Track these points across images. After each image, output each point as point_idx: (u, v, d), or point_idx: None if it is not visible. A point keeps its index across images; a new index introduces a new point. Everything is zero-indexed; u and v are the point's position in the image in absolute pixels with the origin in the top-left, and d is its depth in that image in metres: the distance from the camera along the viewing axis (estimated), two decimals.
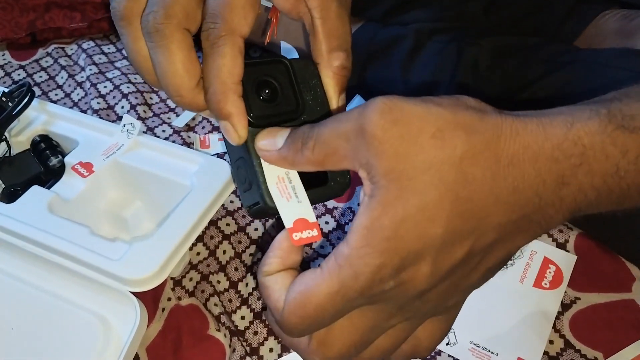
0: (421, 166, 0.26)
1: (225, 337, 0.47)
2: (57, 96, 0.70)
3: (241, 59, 0.31)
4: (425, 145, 0.26)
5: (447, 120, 0.26)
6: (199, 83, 0.32)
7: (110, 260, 0.41)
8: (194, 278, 0.51)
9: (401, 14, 0.63)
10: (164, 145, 0.50)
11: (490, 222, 0.27)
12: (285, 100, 0.34)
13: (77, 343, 0.43)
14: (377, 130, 0.26)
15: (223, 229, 0.54)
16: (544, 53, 0.54)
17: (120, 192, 0.51)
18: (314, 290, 0.28)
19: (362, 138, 0.27)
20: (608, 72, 0.49)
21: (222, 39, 0.31)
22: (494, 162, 0.26)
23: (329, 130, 0.28)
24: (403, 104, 0.27)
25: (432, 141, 0.26)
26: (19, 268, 0.46)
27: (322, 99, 0.35)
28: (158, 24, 0.31)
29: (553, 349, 0.46)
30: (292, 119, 0.34)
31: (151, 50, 0.32)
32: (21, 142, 0.53)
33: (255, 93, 0.33)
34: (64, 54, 0.75)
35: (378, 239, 0.26)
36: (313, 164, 0.29)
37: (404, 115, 0.26)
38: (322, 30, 0.34)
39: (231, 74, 0.31)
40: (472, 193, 0.26)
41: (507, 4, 0.63)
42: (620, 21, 0.60)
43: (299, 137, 0.30)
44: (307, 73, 0.35)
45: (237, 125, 0.31)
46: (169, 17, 0.31)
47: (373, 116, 0.26)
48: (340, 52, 0.34)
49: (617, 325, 0.47)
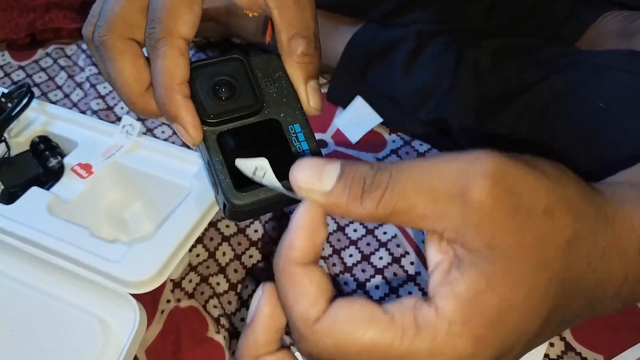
0: (532, 244, 0.22)
1: (224, 339, 0.47)
2: (56, 97, 0.70)
3: (183, 59, 0.31)
4: (537, 222, 0.22)
5: (558, 196, 0.23)
6: (150, 90, 0.32)
7: (109, 261, 0.41)
8: (194, 280, 0.51)
9: (402, 15, 0.63)
10: (164, 146, 0.50)
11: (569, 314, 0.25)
12: (243, 97, 0.33)
13: (76, 345, 0.43)
14: (486, 199, 0.22)
15: (223, 231, 0.54)
16: (544, 55, 0.54)
17: (120, 193, 0.51)
18: (372, 335, 0.22)
19: (460, 203, 0.22)
20: (609, 73, 0.49)
21: (161, 41, 0.31)
22: (592, 250, 0.24)
23: (410, 182, 0.23)
24: (515, 171, 0.23)
25: (544, 218, 0.22)
26: (18, 269, 0.45)
27: (288, 90, 0.34)
28: (101, 37, 0.32)
29: (554, 351, 0.46)
30: (253, 113, 0.33)
31: (101, 63, 0.33)
32: (20, 143, 0.53)
33: (212, 92, 0.33)
34: (63, 54, 0.75)
35: (477, 323, 0.22)
36: (375, 218, 0.23)
37: (516, 185, 0.22)
38: (279, 19, 0.33)
39: (172, 75, 0.31)
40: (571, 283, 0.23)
41: (507, 5, 0.63)
42: (621, 23, 0.60)
43: (359, 181, 0.23)
44: (270, 67, 0.35)
45: (187, 125, 0.31)
46: (110, 29, 0.32)
47: (484, 182, 0.22)
48: (300, 39, 0.34)
49: (618, 327, 0.46)
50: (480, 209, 0.22)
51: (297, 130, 0.34)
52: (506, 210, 0.22)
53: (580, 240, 0.23)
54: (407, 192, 0.23)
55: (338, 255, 0.53)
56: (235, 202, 0.31)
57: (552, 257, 0.22)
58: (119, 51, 0.32)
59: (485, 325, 0.22)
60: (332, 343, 0.22)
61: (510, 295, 0.22)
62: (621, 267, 0.25)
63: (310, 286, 0.23)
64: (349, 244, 0.53)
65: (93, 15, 0.34)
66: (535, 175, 0.23)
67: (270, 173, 0.28)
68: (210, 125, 0.32)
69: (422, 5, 0.62)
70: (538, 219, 0.22)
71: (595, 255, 0.24)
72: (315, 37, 0.34)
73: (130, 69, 0.32)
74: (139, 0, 0.32)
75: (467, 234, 0.22)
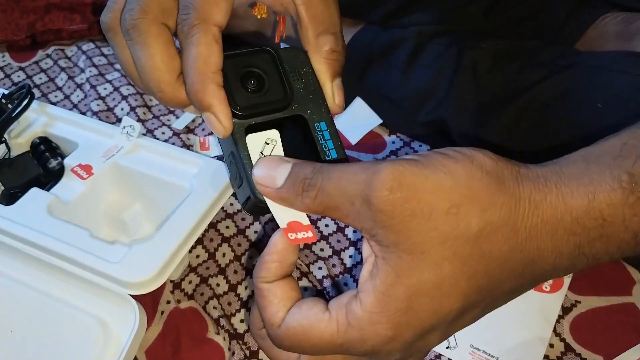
0: (435, 240, 0.25)
1: (224, 340, 0.47)
2: (56, 98, 0.70)
3: (217, 47, 0.30)
4: (438, 222, 0.25)
5: (462, 195, 0.25)
6: (180, 78, 0.31)
7: (109, 262, 0.41)
8: (194, 281, 0.51)
9: (401, 16, 0.63)
10: (164, 147, 0.50)
11: (502, 290, 0.27)
12: (272, 90, 0.33)
13: (76, 346, 0.43)
14: (385, 206, 0.25)
15: (222, 232, 0.54)
16: (544, 56, 0.54)
17: (120, 194, 0.51)
18: (315, 332, 0.28)
19: (367, 208, 0.26)
20: (609, 75, 0.49)
21: (195, 27, 0.30)
22: (512, 235, 0.26)
23: (333, 186, 0.27)
24: (414, 179, 0.26)
25: (446, 217, 0.25)
26: (18, 270, 0.45)
27: (314, 87, 0.34)
28: (134, 19, 0.31)
29: (553, 352, 0.46)
30: (281, 108, 0.33)
31: (131, 48, 0.31)
32: (21, 144, 0.53)
33: (241, 84, 0.32)
34: (63, 55, 0.75)
35: (393, 310, 0.26)
36: (313, 212, 0.29)
37: (415, 192, 0.25)
38: (306, 16, 0.33)
39: (207, 62, 0.30)
40: (488, 268, 0.26)
41: (507, 7, 0.63)
42: (620, 24, 0.60)
43: (300, 182, 0.28)
44: (297, 61, 0.34)
45: (219, 115, 0.30)
46: (144, 12, 0.31)
47: (380, 192, 0.25)
48: (328, 36, 0.33)
49: (617, 328, 0.46)
50: (383, 213, 0.26)
51: (323, 129, 0.33)
52: (405, 214, 0.25)
53: (494, 229, 0.25)
54: (333, 194, 0.27)
55: (338, 257, 0.53)
56: (261, 197, 0.31)
57: (461, 248, 0.25)
58: (152, 35, 0.31)
59: (399, 312, 0.26)
60: (290, 343, 0.29)
61: (417, 285, 0.25)
62: (552, 246, 0.26)
63: (274, 299, 0.30)
64: (349, 245, 0.53)
65: (115, 1, 0.33)
66: (436, 178, 0.26)
67: (279, 147, 0.31)
68: (238, 118, 0.31)
69: (422, 7, 0.63)
70: (440, 219, 0.25)
71: (519, 239, 0.26)
72: (341, 34, 0.34)
73: (163, 55, 0.31)
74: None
75: (377, 233, 0.26)
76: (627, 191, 0.26)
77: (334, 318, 0.28)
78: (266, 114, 0.32)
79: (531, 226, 0.26)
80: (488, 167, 0.26)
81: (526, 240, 0.26)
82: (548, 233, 0.26)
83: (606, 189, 0.26)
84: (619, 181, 0.26)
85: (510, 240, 0.26)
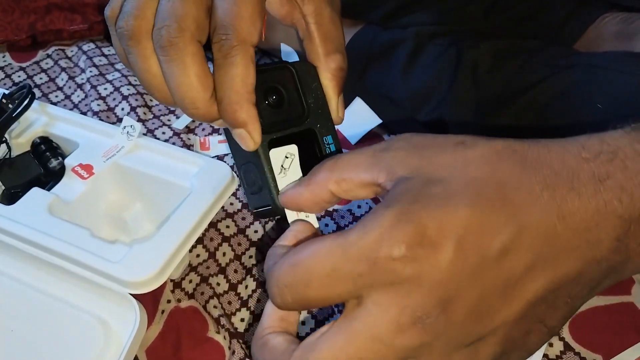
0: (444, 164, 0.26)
1: (224, 339, 0.47)
2: (57, 98, 0.70)
3: (253, 68, 0.31)
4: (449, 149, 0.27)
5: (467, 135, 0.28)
6: (213, 94, 0.32)
7: (110, 262, 0.41)
8: (194, 280, 0.51)
9: (401, 16, 0.63)
10: (164, 147, 0.50)
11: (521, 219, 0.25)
12: (291, 106, 0.35)
13: (77, 345, 0.43)
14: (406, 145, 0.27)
15: (223, 231, 0.54)
16: (543, 56, 0.54)
17: (120, 194, 0.51)
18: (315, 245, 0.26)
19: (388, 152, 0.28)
20: (608, 75, 0.49)
21: (235, 49, 0.31)
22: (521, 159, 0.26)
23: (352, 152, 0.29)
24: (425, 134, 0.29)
25: (454, 147, 0.27)
26: (19, 270, 0.46)
27: (322, 101, 0.36)
28: (172, 37, 0.31)
29: (552, 351, 0.46)
30: (298, 123, 0.34)
31: (164, 64, 0.31)
32: (21, 143, 0.53)
33: (263, 99, 0.34)
34: (64, 55, 0.75)
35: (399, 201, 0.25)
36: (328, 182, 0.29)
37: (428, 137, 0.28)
38: (318, 35, 0.35)
39: (245, 83, 0.31)
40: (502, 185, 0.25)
41: (507, 7, 0.63)
42: (620, 24, 0.60)
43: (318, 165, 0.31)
44: (309, 76, 0.36)
45: (253, 133, 0.32)
46: (182, 30, 0.31)
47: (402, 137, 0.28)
48: (337, 55, 0.36)
49: (616, 327, 0.47)
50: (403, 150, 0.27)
51: (329, 142, 0.35)
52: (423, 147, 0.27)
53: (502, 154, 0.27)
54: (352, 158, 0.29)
55: None
56: (281, 207, 0.33)
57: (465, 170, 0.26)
58: (191, 54, 0.31)
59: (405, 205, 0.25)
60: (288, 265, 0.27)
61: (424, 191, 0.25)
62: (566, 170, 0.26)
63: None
64: None
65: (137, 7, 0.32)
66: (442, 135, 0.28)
67: (296, 161, 0.33)
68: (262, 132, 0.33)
69: (422, 7, 0.63)
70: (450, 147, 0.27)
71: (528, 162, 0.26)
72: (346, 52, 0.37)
73: (200, 73, 0.31)
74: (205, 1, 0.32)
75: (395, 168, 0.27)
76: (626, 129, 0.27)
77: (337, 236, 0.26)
78: (285, 129, 0.34)
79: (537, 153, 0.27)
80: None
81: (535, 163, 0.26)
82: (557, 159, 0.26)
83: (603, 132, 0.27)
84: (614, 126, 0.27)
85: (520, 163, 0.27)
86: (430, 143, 0.27)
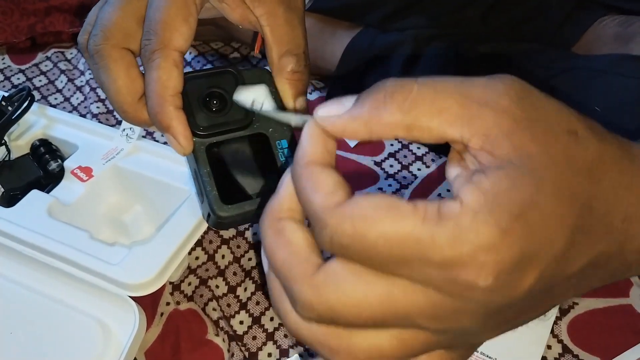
0: (557, 158, 0.22)
1: (223, 342, 0.47)
2: (56, 100, 0.70)
3: (177, 71, 0.32)
4: (561, 138, 0.22)
5: (580, 121, 0.23)
6: (142, 100, 0.33)
7: (109, 264, 0.41)
8: (193, 282, 0.51)
9: (400, 19, 0.63)
10: (163, 149, 0.51)
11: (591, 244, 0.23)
12: (234, 110, 0.34)
13: (76, 347, 0.43)
14: (515, 108, 0.22)
15: (222, 234, 0.54)
16: (542, 59, 0.54)
17: (120, 196, 0.51)
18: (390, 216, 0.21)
19: (491, 108, 0.22)
20: (606, 77, 0.50)
21: (156, 53, 0.31)
22: (617, 180, 0.24)
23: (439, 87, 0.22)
24: (538, 93, 0.23)
25: (567, 136, 0.22)
26: (18, 272, 0.46)
27: (279, 105, 0.35)
28: (97, 45, 0.32)
29: (551, 354, 0.46)
30: (243, 127, 0.34)
31: (95, 72, 0.33)
32: (21, 146, 0.53)
33: (203, 104, 0.34)
34: (63, 58, 0.75)
35: (504, 211, 0.20)
36: (396, 127, 0.22)
37: (540, 103, 0.23)
38: (270, 37, 0.35)
39: (165, 86, 0.31)
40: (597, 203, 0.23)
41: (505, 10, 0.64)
42: (617, 27, 0.60)
43: (381, 90, 0.23)
44: (261, 81, 0.35)
45: (178, 137, 0.32)
46: (107, 38, 0.32)
47: (511, 93, 0.22)
48: (290, 57, 0.35)
49: (615, 330, 0.47)
50: (510, 116, 0.22)
51: (284, 146, 0.35)
52: (534, 121, 0.22)
53: (604, 164, 0.23)
54: (436, 96, 0.22)
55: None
56: (221, 214, 0.32)
57: (576, 172, 0.22)
58: (113, 60, 0.32)
59: (510, 217, 0.20)
60: (352, 227, 0.21)
61: (535, 195, 0.21)
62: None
63: (328, 179, 0.23)
64: None
65: (89, 23, 0.34)
66: (557, 102, 0.23)
67: (268, 102, 0.32)
68: (200, 137, 0.33)
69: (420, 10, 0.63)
70: (562, 136, 0.22)
71: (623, 186, 0.24)
72: (305, 55, 0.36)
73: (124, 78, 0.32)
74: (136, 10, 0.33)
75: (496, 138, 0.22)
76: None
77: (421, 209, 0.21)
78: (228, 133, 0.34)
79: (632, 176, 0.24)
80: None
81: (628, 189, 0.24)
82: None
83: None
84: None
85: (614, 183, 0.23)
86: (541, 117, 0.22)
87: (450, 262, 0.20)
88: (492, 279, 0.20)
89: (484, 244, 0.20)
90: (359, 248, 0.21)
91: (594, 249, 0.23)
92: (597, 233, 0.23)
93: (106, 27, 0.32)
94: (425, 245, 0.20)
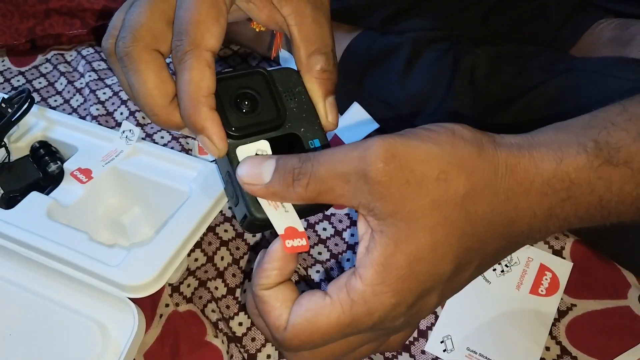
0: (428, 207, 0.27)
1: (222, 344, 0.47)
2: (56, 102, 0.70)
3: (210, 72, 0.31)
4: (430, 188, 0.27)
5: (449, 162, 0.27)
6: (173, 102, 0.32)
7: (108, 266, 0.42)
8: (192, 284, 0.51)
9: (399, 22, 0.63)
10: (163, 151, 0.51)
11: (488, 251, 0.29)
12: (266, 111, 0.34)
13: (75, 349, 0.43)
14: (382, 177, 0.27)
15: (221, 235, 0.54)
16: (540, 61, 0.55)
17: (119, 198, 0.51)
18: (322, 320, 0.28)
19: (364, 182, 0.27)
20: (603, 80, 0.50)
21: (188, 53, 0.31)
22: (493, 198, 0.28)
23: (325, 170, 0.28)
24: (405, 149, 0.27)
25: (437, 183, 0.27)
26: (18, 274, 0.46)
27: (308, 105, 0.35)
28: (126, 47, 0.32)
29: (549, 355, 0.46)
30: (275, 127, 0.34)
31: (125, 75, 0.33)
32: (20, 148, 0.53)
33: (235, 105, 0.33)
34: (63, 60, 0.75)
35: (394, 278, 0.27)
36: (305, 199, 0.29)
37: (407, 161, 0.27)
38: (298, 37, 0.34)
39: (199, 87, 0.31)
40: (475, 228, 0.28)
41: (504, 13, 0.64)
42: (615, 30, 0.60)
43: (289, 172, 0.29)
44: (290, 81, 0.35)
45: (213, 138, 0.31)
46: (136, 40, 0.32)
47: (377, 163, 0.27)
48: (319, 56, 0.35)
49: (613, 331, 0.47)
50: (380, 185, 0.27)
51: (316, 145, 0.34)
52: (401, 183, 0.27)
53: (478, 192, 0.28)
54: (326, 177, 0.28)
55: (336, 260, 0.53)
56: (258, 215, 0.31)
57: (450, 212, 0.27)
58: (144, 62, 0.32)
59: (400, 279, 0.27)
60: (299, 340, 0.29)
61: (415, 252, 0.27)
62: (527, 207, 0.28)
63: (275, 303, 0.30)
64: (346, 249, 0.54)
65: (114, 27, 0.34)
66: (426, 147, 0.28)
67: None
68: (233, 138, 0.32)
69: (419, 12, 0.63)
70: (431, 185, 0.27)
71: (499, 201, 0.28)
72: (333, 53, 0.35)
73: (155, 80, 0.32)
74: (164, 12, 0.32)
75: (374, 207, 0.27)
76: (591, 156, 0.28)
77: (336, 300, 0.28)
78: (260, 134, 0.33)
79: (508, 188, 0.28)
80: (468, 137, 0.28)
81: (505, 202, 0.28)
82: (522, 194, 0.28)
83: (572, 153, 0.28)
84: (584, 147, 0.29)
85: (492, 202, 0.28)
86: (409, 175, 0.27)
87: (373, 325, 0.28)
88: (403, 319, 0.29)
89: (388, 308, 0.27)
90: (310, 346, 0.29)
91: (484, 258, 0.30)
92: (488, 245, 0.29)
93: (135, 28, 0.32)
94: (352, 324, 0.28)
